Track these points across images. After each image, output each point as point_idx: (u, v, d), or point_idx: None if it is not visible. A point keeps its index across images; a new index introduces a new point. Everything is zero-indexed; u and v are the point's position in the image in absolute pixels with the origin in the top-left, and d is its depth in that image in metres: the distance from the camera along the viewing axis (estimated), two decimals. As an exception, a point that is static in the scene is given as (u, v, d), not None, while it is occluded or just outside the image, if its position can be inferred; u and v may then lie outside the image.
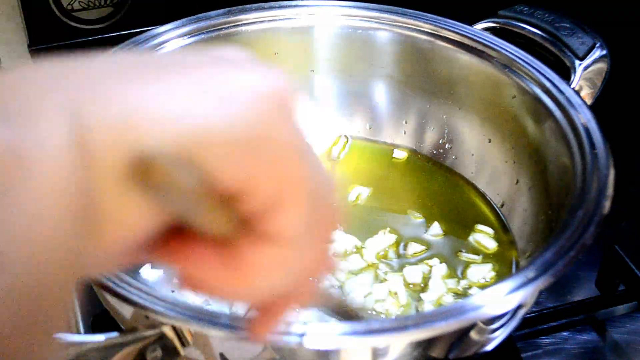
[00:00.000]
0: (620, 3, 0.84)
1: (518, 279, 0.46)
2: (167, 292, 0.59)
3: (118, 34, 0.79)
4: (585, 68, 0.64)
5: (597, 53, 0.65)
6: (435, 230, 0.65)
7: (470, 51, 0.68)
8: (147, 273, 0.60)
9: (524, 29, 0.68)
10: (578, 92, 0.61)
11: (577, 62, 0.64)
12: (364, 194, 0.69)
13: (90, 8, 0.78)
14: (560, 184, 0.58)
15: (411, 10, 0.71)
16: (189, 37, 0.68)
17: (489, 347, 0.51)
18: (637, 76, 0.81)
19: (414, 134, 0.73)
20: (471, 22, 0.70)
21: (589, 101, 0.64)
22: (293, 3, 0.72)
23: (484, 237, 0.64)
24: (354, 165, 0.73)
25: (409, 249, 0.63)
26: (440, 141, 0.72)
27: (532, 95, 0.63)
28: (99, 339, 0.42)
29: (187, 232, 0.28)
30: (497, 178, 0.68)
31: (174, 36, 0.68)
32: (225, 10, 0.71)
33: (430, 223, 0.65)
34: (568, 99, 0.60)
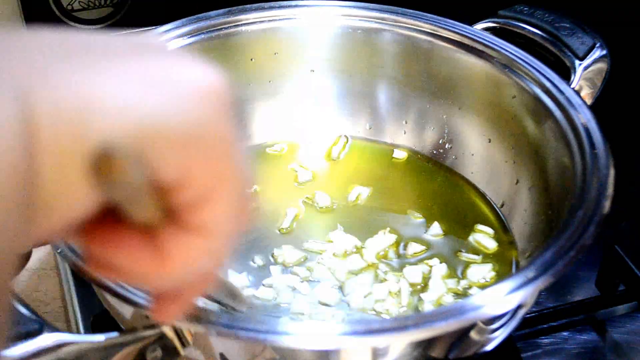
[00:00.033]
0: (620, 3, 0.84)
1: (518, 279, 0.46)
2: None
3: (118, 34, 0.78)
4: (585, 68, 0.64)
5: (597, 53, 0.65)
6: (435, 230, 0.65)
7: (470, 51, 0.68)
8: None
9: (524, 29, 0.68)
10: (578, 92, 0.61)
11: (577, 62, 0.64)
12: (364, 194, 0.69)
13: (90, 8, 0.78)
14: (560, 184, 0.58)
15: (411, 10, 0.71)
16: (189, 37, 0.68)
17: (489, 347, 0.51)
18: (637, 76, 0.81)
19: (414, 134, 0.73)
20: (471, 22, 0.70)
21: (589, 101, 0.64)
22: (293, 3, 0.72)
23: (484, 237, 0.64)
24: (354, 165, 0.73)
25: (409, 249, 0.63)
26: (440, 141, 0.72)
27: (532, 95, 0.63)
28: (99, 339, 0.42)
29: (113, 215, 0.28)
30: (497, 178, 0.68)
31: (174, 36, 0.68)
32: (225, 10, 0.71)
33: (430, 223, 0.65)
34: (568, 99, 0.60)
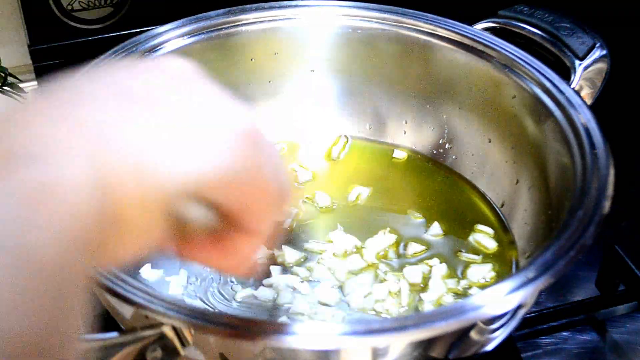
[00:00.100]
0: (620, 3, 0.84)
1: (518, 279, 0.46)
2: (167, 293, 0.59)
3: (118, 34, 0.79)
4: (585, 68, 0.64)
5: (597, 53, 0.65)
6: (435, 230, 0.65)
7: (470, 51, 0.68)
8: (147, 273, 0.60)
9: (524, 29, 0.68)
10: (578, 92, 0.61)
11: (577, 62, 0.64)
12: (364, 194, 0.69)
13: (90, 8, 0.78)
14: (560, 184, 0.58)
15: (411, 10, 0.71)
16: (189, 37, 0.68)
17: (489, 347, 0.51)
18: (637, 76, 0.81)
19: (414, 134, 0.73)
20: (471, 22, 0.70)
21: (589, 101, 0.64)
22: (293, 3, 0.72)
23: (484, 237, 0.64)
24: (354, 165, 0.73)
25: (409, 249, 0.63)
26: (440, 141, 0.72)
27: (532, 95, 0.63)
28: (99, 338, 0.42)
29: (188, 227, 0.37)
30: (497, 178, 0.68)
31: (174, 36, 0.68)
32: (225, 10, 0.71)
33: (430, 223, 0.65)
34: (568, 99, 0.60)
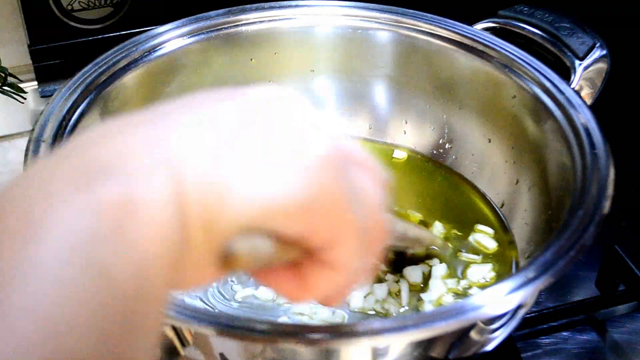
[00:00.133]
0: (620, 3, 0.84)
1: (518, 279, 0.46)
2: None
3: (118, 34, 0.79)
4: (585, 68, 0.64)
5: (597, 53, 0.65)
6: (435, 230, 0.65)
7: (470, 51, 0.68)
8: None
9: (524, 29, 0.68)
10: (578, 92, 0.61)
11: (577, 62, 0.64)
12: (364, 194, 0.69)
13: (90, 8, 0.78)
14: (560, 184, 0.58)
15: (411, 10, 0.71)
16: (189, 37, 0.68)
17: (489, 347, 0.51)
18: (637, 76, 0.81)
19: (414, 134, 0.73)
20: (471, 22, 0.70)
21: (589, 101, 0.64)
22: (293, 3, 0.72)
23: (484, 237, 0.64)
24: (354, 165, 0.73)
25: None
26: (440, 141, 0.72)
27: (532, 95, 0.63)
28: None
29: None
30: (497, 178, 0.68)
31: (174, 36, 0.68)
32: (225, 10, 0.71)
33: (431, 223, 0.65)
34: (568, 99, 0.60)
